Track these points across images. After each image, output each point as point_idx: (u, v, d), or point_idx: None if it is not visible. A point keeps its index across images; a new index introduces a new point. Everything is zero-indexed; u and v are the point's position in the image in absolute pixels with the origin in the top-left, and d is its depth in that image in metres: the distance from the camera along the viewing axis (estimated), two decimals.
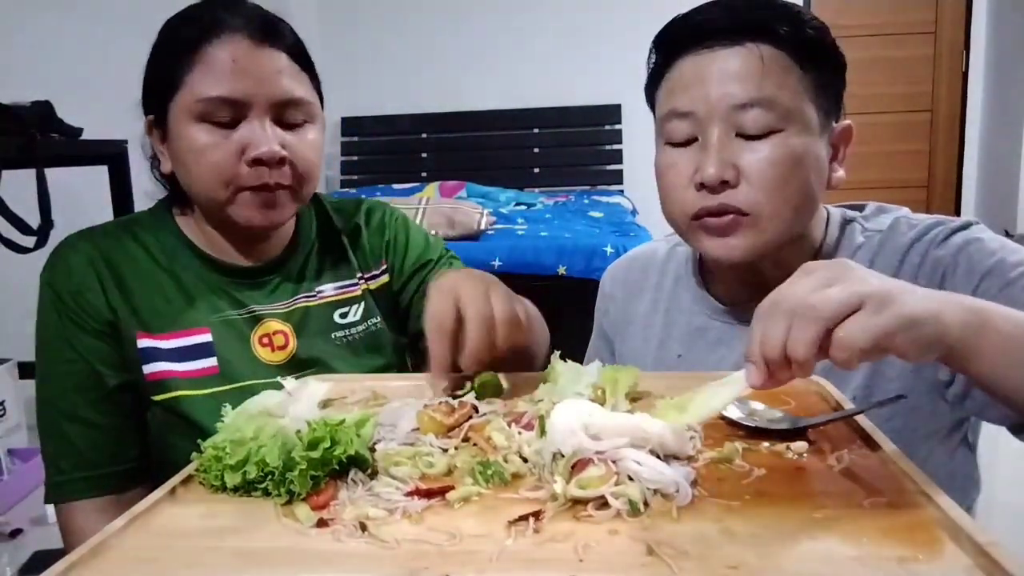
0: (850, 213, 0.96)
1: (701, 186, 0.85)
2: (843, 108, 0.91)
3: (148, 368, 0.92)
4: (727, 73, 0.84)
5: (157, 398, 0.92)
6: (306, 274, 1.02)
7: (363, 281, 1.05)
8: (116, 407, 0.93)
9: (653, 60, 0.93)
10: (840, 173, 0.91)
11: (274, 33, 0.91)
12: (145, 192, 1.04)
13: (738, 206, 0.84)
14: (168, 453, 0.92)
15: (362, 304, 1.04)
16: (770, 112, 0.83)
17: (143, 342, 0.92)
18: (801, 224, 0.89)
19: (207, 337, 0.94)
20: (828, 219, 0.95)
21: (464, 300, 0.77)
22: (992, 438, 0.87)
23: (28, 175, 1.74)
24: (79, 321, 0.91)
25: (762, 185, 0.84)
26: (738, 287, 0.97)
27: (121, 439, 0.93)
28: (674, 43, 0.89)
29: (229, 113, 0.88)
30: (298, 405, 0.74)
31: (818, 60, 0.86)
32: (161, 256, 0.96)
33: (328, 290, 1.02)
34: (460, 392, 0.78)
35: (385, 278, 1.07)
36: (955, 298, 0.61)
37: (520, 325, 0.81)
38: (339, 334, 1.01)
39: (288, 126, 0.92)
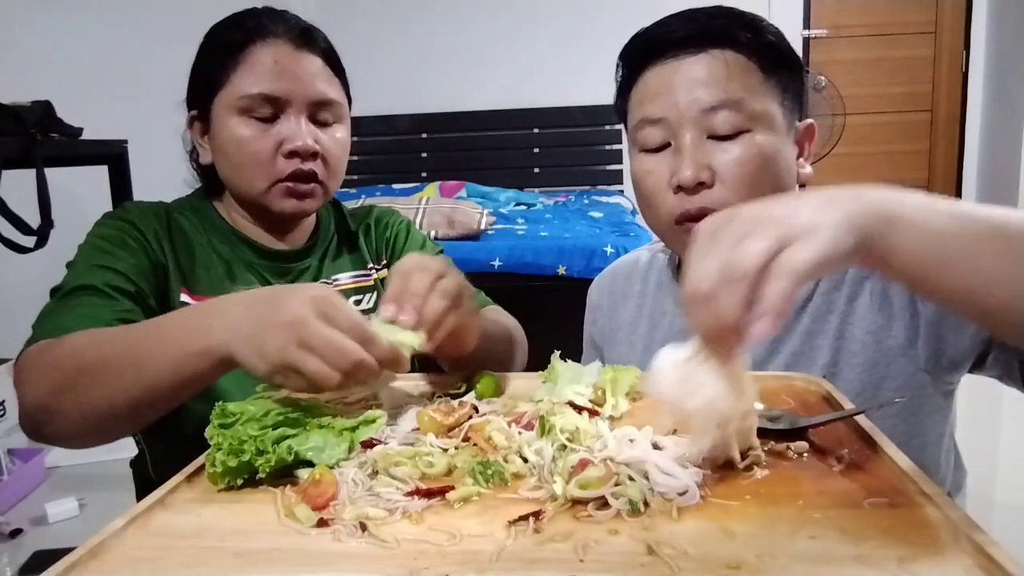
0: None
1: (679, 189, 0.88)
2: (805, 107, 0.94)
3: None
4: (694, 79, 0.87)
5: None
6: (325, 263, 1.12)
7: (375, 271, 1.13)
8: (136, 306, 0.90)
9: (620, 74, 0.97)
10: (808, 170, 0.95)
11: (311, 40, 1.02)
12: (184, 180, 1.13)
13: (715, 207, 0.86)
14: (180, 414, 0.89)
15: (375, 293, 1.11)
16: (738, 113, 0.86)
17: (184, 296, 0.99)
18: None
19: None
20: None
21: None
22: (991, 439, 0.88)
23: (28, 175, 1.74)
24: (139, 244, 0.96)
25: (735, 184, 0.86)
26: None
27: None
28: (640, 56, 0.92)
29: (269, 109, 0.98)
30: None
31: (778, 63, 0.90)
32: (202, 232, 1.05)
33: (344, 279, 1.11)
34: (458, 392, 0.79)
35: (386, 272, 1.14)
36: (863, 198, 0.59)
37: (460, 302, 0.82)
38: None
39: (320, 124, 1.02)
